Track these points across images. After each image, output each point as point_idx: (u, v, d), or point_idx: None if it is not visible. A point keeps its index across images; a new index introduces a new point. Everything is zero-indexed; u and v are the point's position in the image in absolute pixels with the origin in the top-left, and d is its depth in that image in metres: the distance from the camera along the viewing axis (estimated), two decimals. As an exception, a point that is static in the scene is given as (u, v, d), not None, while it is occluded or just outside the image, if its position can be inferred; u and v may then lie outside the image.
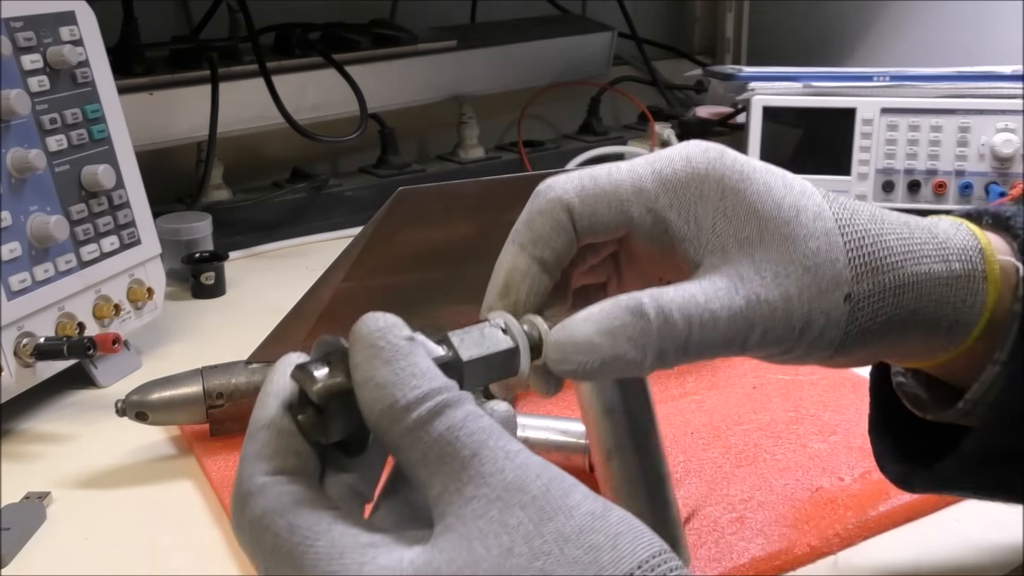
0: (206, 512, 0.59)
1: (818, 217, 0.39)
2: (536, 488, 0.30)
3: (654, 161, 0.40)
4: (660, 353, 0.36)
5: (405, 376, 0.31)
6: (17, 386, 0.67)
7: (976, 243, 0.41)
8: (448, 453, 0.30)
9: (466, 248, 0.59)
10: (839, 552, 0.54)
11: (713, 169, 0.39)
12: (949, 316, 0.40)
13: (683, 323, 0.36)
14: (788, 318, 0.38)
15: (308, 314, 0.65)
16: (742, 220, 0.38)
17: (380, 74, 1.16)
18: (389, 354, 0.32)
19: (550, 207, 0.39)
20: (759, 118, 0.99)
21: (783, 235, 0.38)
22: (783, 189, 0.39)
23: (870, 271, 0.39)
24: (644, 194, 0.39)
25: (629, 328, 0.36)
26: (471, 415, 0.31)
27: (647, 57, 1.46)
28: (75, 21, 0.73)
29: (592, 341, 0.35)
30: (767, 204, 0.38)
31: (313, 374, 0.32)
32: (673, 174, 0.39)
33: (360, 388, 0.32)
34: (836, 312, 0.38)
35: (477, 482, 0.30)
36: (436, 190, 0.61)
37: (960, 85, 0.97)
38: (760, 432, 0.64)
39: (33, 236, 0.67)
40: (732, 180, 0.39)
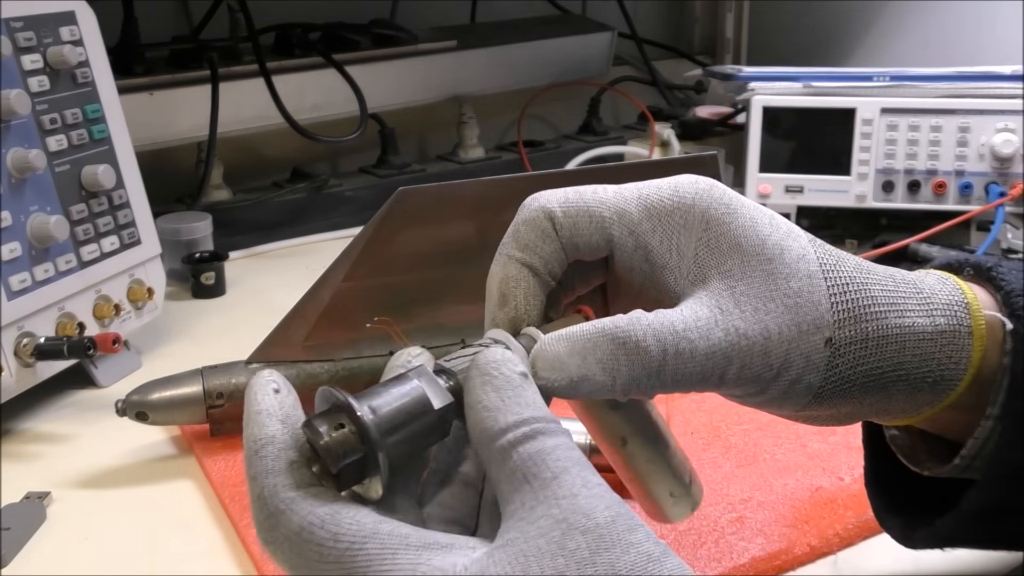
0: (206, 512, 0.59)
1: (802, 259, 0.38)
2: (602, 517, 0.31)
3: (642, 187, 0.40)
4: (631, 379, 0.36)
5: (510, 404, 0.34)
6: (17, 386, 0.67)
7: (962, 298, 0.40)
8: (533, 473, 0.32)
9: (466, 248, 0.59)
10: (839, 552, 0.54)
11: (699, 200, 0.39)
12: (933, 372, 0.40)
13: (657, 350, 0.36)
14: (766, 355, 0.37)
15: (308, 314, 0.65)
16: (725, 252, 0.38)
17: (380, 74, 1.16)
18: (500, 383, 0.34)
19: (534, 216, 0.39)
20: (759, 118, 0.98)
21: (765, 272, 0.38)
22: (768, 227, 0.39)
23: (853, 318, 0.38)
24: (627, 216, 0.39)
25: (599, 350, 0.36)
26: (561, 446, 0.33)
27: (647, 57, 1.46)
28: (75, 21, 0.73)
29: (561, 359, 0.36)
30: (751, 239, 0.38)
31: (320, 431, 0.33)
32: (659, 201, 0.39)
33: (469, 408, 0.34)
34: (816, 356, 0.38)
35: (550, 502, 0.31)
36: (436, 190, 0.61)
37: (960, 85, 0.97)
38: (760, 432, 0.64)
39: (33, 236, 0.67)
40: (717, 212, 0.39)
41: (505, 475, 0.33)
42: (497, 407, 0.33)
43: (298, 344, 0.65)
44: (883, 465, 0.47)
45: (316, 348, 0.65)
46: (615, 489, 0.33)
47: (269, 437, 0.33)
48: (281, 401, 0.34)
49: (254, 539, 0.54)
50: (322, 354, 0.66)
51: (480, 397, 0.34)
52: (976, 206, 0.93)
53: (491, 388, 0.34)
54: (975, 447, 0.41)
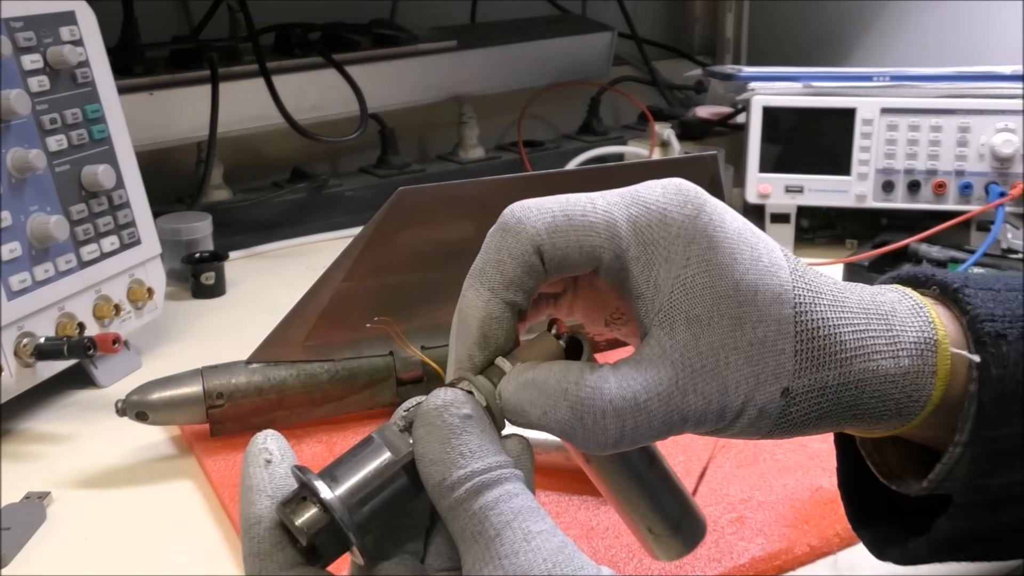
0: (206, 512, 0.59)
1: (775, 300, 0.38)
2: (539, 571, 0.32)
3: (631, 204, 0.38)
4: (586, 446, 0.36)
5: (454, 456, 0.34)
6: (17, 386, 0.67)
7: (932, 335, 0.40)
8: (478, 531, 0.33)
9: (466, 248, 0.59)
10: (839, 552, 0.54)
11: (684, 231, 0.38)
12: (891, 409, 0.39)
13: (615, 427, 0.36)
14: (722, 410, 0.37)
15: (308, 314, 0.65)
16: (697, 295, 0.37)
17: (380, 74, 1.16)
18: (443, 432, 0.34)
19: (521, 250, 0.37)
20: (759, 118, 0.98)
21: (733, 318, 0.37)
22: (748, 263, 0.38)
23: (815, 366, 0.38)
24: (617, 240, 0.38)
25: (559, 412, 0.36)
26: (504, 496, 0.34)
27: (647, 57, 1.46)
28: (75, 21, 0.73)
29: (523, 408, 0.36)
30: (726, 282, 0.37)
31: (291, 517, 0.34)
32: (648, 227, 0.38)
33: (418, 462, 0.35)
34: (771, 406, 0.38)
35: (494, 564, 0.32)
36: (436, 190, 0.61)
37: (960, 85, 0.97)
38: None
39: (33, 236, 0.67)
40: (699, 247, 0.38)
41: (458, 532, 0.34)
42: (441, 460, 0.34)
43: (298, 344, 0.65)
44: (854, 472, 0.46)
45: (316, 348, 0.65)
46: None
47: (257, 517, 0.34)
48: (272, 474, 0.35)
49: (254, 539, 0.54)
50: (322, 354, 0.66)
51: (426, 450, 0.34)
52: (976, 206, 0.93)
53: (434, 439, 0.34)
54: (943, 472, 0.40)
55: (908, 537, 0.43)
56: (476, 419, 0.35)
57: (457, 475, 0.34)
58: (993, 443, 0.38)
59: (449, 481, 0.34)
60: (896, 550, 0.44)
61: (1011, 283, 0.41)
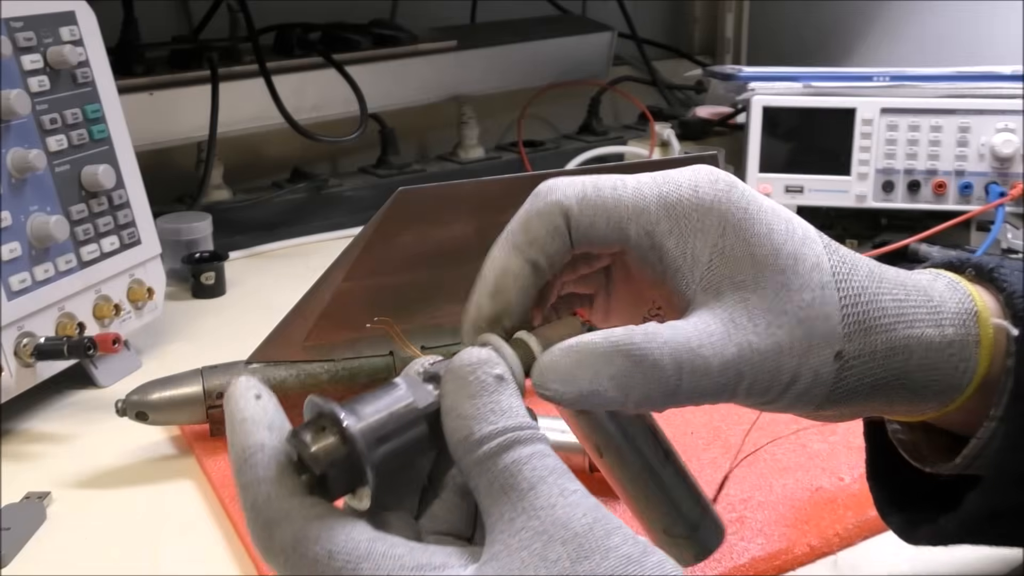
0: (206, 512, 0.59)
1: (815, 268, 0.38)
2: (579, 526, 0.31)
3: (662, 183, 0.39)
4: (644, 396, 0.36)
5: (485, 412, 0.33)
6: (17, 386, 0.67)
7: (972, 306, 0.40)
8: (510, 485, 0.32)
9: (466, 248, 0.59)
10: (839, 552, 0.54)
11: (718, 202, 0.38)
12: (939, 381, 0.40)
13: (673, 369, 0.35)
14: (778, 370, 0.37)
15: (308, 314, 0.65)
16: (738, 262, 0.37)
17: (380, 74, 1.16)
18: (475, 389, 0.33)
19: (548, 210, 0.38)
20: (759, 118, 0.98)
21: (778, 283, 0.37)
22: (784, 235, 0.38)
23: (862, 331, 0.38)
24: (645, 215, 0.38)
25: (613, 366, 0.35)
26: (537, 454, 0.33)
27: (647, 57, 1.46)
28: (75, 21, 0.73)
29: (571, 372, 0.35)
30: (765, 248, 0.38)
31: (306, 441, 0.32)
32: (678, 200, 0.38)
33: (445, 416, 0.34)
34: (825, 369, 0.37)
35: (528, 514, 0.31)
36: (436, 190, 0.61)
37: (960, 85, 0.97)
38: (760, 432, 0.64)
39: (33, 236, 0.67)
40: (735, 218, 0.38)
41: (484, 487, 0.33)
42: (471, 415, 0.33)
43: (298, 344, 0.65)
44: (884, 458, 0.46)
45: (316, 348, 0.65)
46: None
47: (258, 444, 0.33)
48: (264, 407, 0.34)
49: (254, 539, 0.54)
50: (322, 354, 0.66)
51: (455, 404, 0.33)
52: (976, 206, 0.93)
53: (465, 395, 0.33)
54: (977, 447, 0.40)
55: (938, 518, 0.43)
56: (507, 381, 0.34)
57: (488, 430, 0.33)
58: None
59: (478, 436, 0.33)
60: (927, 529, 0.44)
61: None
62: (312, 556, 0.31)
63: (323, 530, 0.32)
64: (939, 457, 0.43)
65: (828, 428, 0.64)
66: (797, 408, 0.39)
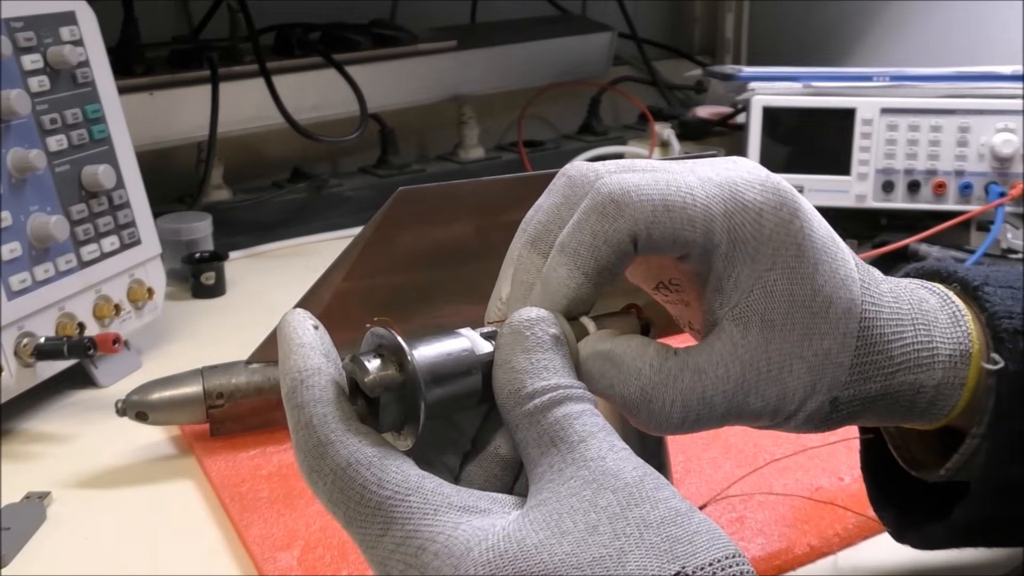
0: (206, 512, 0.59)
1: (845, 315, 0.38)
2: (630, 477, 0.31)
3: (728, 199, 0.37)
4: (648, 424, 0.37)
5: (539, 368, 0.34)
6: (17, 386, 0.67)
7: (968, 347, 0.41)
8: (560, 437, 0.32)
9: (466, 248, 0.59)
10: (839, 552, 0.54)
11: (776, 235, 0.38)
12: (916, 414, 0.41)
13: (680, 418, 0.37)
14: (776, 411, 0.38)
15: (308, 314, 0.64)
16: (775, 299, 0.38)
17: (380, 74, 1.16)
18: (531, 344, 0.34)
19: (618, 239, 0.36)
20: (759, 118, 0.98)
21: (805, 327, 0.38)
22: (827, 275, 0.38)
23: (863, 379, 0.39)
24: (710, 236, 0.37)
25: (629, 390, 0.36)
26: (587, 411, 0.33)
27: (647, 57, 1.46)
28: (75, 21, 0.73)
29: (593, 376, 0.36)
30: (805, 289, 0.38)
31: (366, 366, 0.33)
32: (741, 225, 0.37)
33: (497, 368, 0.34)
34: (819, 413, 0.39)
35: (578, 464, 0.32)
36: (436, 190, 0.61)
37: (960, 85, 0.97)
38: (760, 432, 0.64)
39: (33, 236, 0.67)
40: (787, 254, 0.38)
41: (533, 439, 0.33)
42: (525, 370, 0.33)
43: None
44: (877, 454, 0.47)
45: (316, 348, 0.65)
46: None
47: (315, 367, 0.33)
48: (321, 336, 0.34)
49: (254, 539, 0.54)
50: (322, 354, 0.66)
51: (509, 357, 0.34)
52: (976, 206, 0.93)
53: (521, 349, 0.34)
54: (960, 461, 0.41)
55: (926, 522, 0.44)
56: (561, 342, 0.35)
57: (540, 385, 0.33)
58: (1009, 435, 0.40)
59: (529, 389, 0.33)
60: (914, 535, 0.45)
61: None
62: (361, 481, 0.32)
63: (377, 456, 0.32)
64: (929, 456, 0.44)
65: (828, 428, 0.64)
66: (780, 430, 0.40)
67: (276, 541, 0.54)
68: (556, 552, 0.30)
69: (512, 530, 0.31)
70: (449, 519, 0.31)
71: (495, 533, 0.31)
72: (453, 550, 0.30)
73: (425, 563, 0.31)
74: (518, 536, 0.30)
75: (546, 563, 0.30)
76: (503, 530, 0.31)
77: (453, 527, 0.31)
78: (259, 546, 0.54)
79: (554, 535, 0.30)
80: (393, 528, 0.31)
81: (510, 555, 0.30)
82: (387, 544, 0.31)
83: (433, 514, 0.31)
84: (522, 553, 0.30)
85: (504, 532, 0.31)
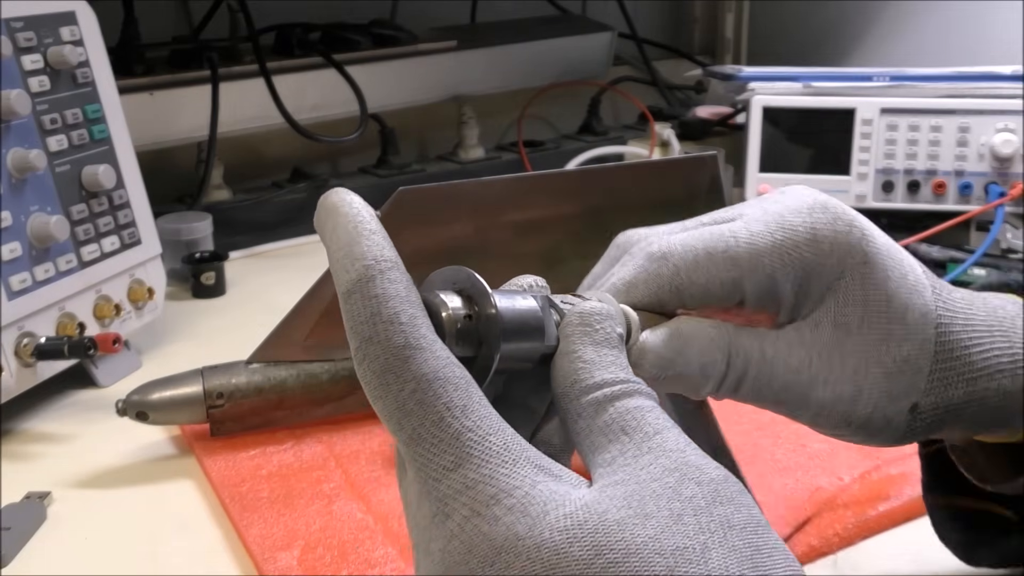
0: (206, 512, 0.59)
1: (922, 320, 0.38)
2: (715, 474, 0.30)
3: (775, 230, 0.37)
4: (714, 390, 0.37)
5: (607, 362, 0.32)
6: (17, 386, 0.67)
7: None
8: (632, 427, 0.30)
9: (466, 248, 0.59)
10: (839, 552, 0.54)
11: (837, 246, 0.37)
12: (1004, 421, 0.40)
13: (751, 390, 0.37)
14: (848, 413, 0.38)
15: (308, 314, 0.65)
16: (849, 304, 0.37)
17: (380, 74, 1.16)
18: (600, 338, 0.33)
19: (659, 289, 0.37)
20: (759, 118, 0.99)
21: (882, 332, 0.37)
22: (899, 280, 0.38)
23: (944, 386, 0.38)
24: (761, 269, 0.37)
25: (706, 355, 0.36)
26: (657, 409, 0.32)
27: (647, 57, 1.46)
28: (75, 21, 0.73)
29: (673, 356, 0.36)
30: (880, 294, 0.38)
31: (446, 301, 0.31)
32: (795, 249, 0.37)
33: (562, 356, 0.32)
34: (898, 419, 0.38)
35: (657, 453, 0.30)
36: (436, 190, 0.61)
37: (960, 85, 0.97)
38: (760, 432, 0.64)
39: (33, 236, 0.67)
40: (855, 261, 0.37)
41: (598, 427, 0.31)
42: (593, 361, 0.32)
43: (298, 344, 0.65)
44: (941, 474, 0.46)
45: (316, 348, 0.65)
46: None
47: (393, 260, 0.30)
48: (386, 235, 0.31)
49: (254, 539, 0.54)
50: (322, 354, 0.66)
51: (576, 347, 0.32)
52: (976, 206, 0.93)
53: (590, 341, 0.33)
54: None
55: (997, 538, 0.43)
56: (623, 345, 0.34)
57: (608, 377, 0.32)
58: None
59: (597, 380, 0.31)
60: (987, 551, 0.45)
61: None
62: (446, 400, 0.29)
63: (464, 381, 0.29)
64: (998, 473, 0.43)
65: (828, 428, 0.64)
66: (861, 443, 0.39)
67: (276, 541, 0.54)
68: (639, 534, 0.28)
69: (591, 501, 0.28)
70: (527, 474, 0.29)
71: (572, 501, 0.28)
72: (529, 509, 0.28)
73: (497, 516, 0.28)
74: (599, 509, 0.28)
75: (628, 543, 0.27)
76: (581, 500, 0.28)
77: (531, 484, 0.28)
78: (259, 546, 0.54)
79: (637, 516, 0.28)
80: (467, 466, 0.28)
81: (590, 526, 0.28)
82: (455, 481, 0.28)
83: (512, 464, 0.29)
84: (603, 527, 0.28)
85: (583, 502, 0.28)
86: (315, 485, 0.59)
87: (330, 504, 0.57)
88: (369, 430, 0.66)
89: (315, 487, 0.59)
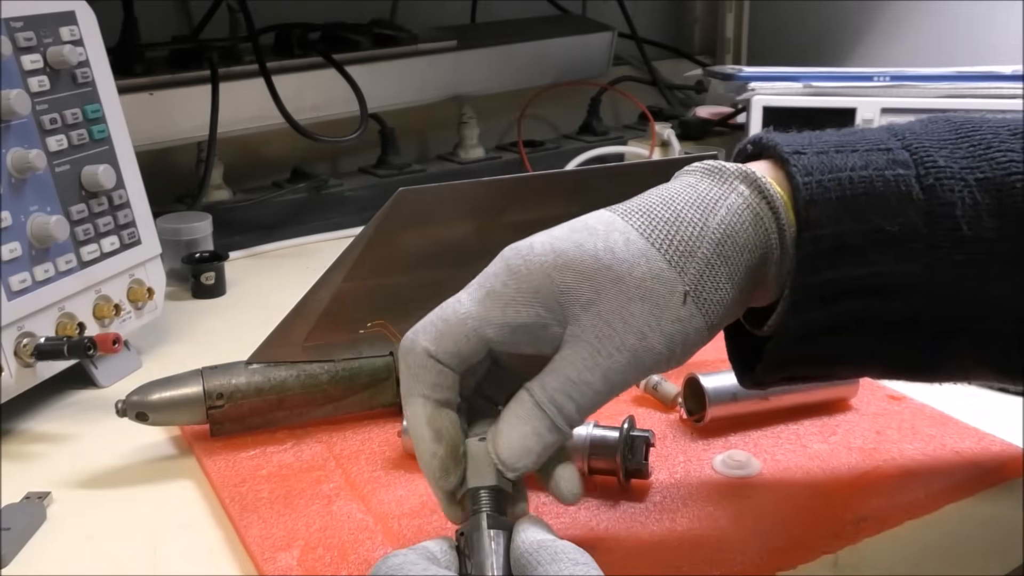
0: (206, 512, 0.59)
1: (627, 242, 0.43)
2: None
3: (484, 283, 0.44)
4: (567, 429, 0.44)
5: None
6: (17, 386, 0.67)
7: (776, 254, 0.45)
8: None
9: (466, 248, 0.59)
10: (839, 552, 0.54)
11: (530, 263, 0.43)
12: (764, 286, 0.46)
13: (569, 404, 0.43)
14: (651, 350, 0.42)
15: (308, 314, 0.65)
16: (577, 288, 0.43)
17: (380, 74, 1.16)
18: None
19: (423, 362, 0.44)
20: (759, 118, 0.98)
21: (613, 278, 0.42)
22: (589, 240, 0.43)
23: (686, 255, 0.43)
24: (490, 315, 0.43)
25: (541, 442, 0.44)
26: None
27: (647, 57, 1.46)
28: (75, 21, 0.73)
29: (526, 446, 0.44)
30: (586, 262, 0.43)
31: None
32: (503, 286, 0.43)
33: None
34: (684, 313, 0.42)
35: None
36: (436, 190, 0.61)
37: (960, 85, 0.97)
38: (760, 432, 0.64)
39: (33, 236, 0.67)
40: (544, 265, 0.43)
41: None
42: None
43: (298, 344, 0.65)
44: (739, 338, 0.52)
45: (316, 348, 0.65)
46: None
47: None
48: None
49: (254, 539, 0.54)
50: (322, 354, 0.66)
51: None
52: (976, 206, 0.92)
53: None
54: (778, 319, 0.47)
55: (754, 367, 0.49)
56: None
57: None
58: (813, 244, 0.44)
59: None
60: (748, 377, 0.51)
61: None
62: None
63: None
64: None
65: (828, 428, 0.64)
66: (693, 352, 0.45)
67: (276, 541, 0.54)
68: None
69: None
70: None
71: None
72: None
73: None
74: None
75: None
76: None
77: None
78: (259, 546, 0.54)
79: None
80: None
81: None
82: None
83: None
84: None
85: None
86: (315, 485, 0.60)
87: (330, 504, 0.57)
88: (369, 430, 0.66)
89: (315, 487, 0.59)
